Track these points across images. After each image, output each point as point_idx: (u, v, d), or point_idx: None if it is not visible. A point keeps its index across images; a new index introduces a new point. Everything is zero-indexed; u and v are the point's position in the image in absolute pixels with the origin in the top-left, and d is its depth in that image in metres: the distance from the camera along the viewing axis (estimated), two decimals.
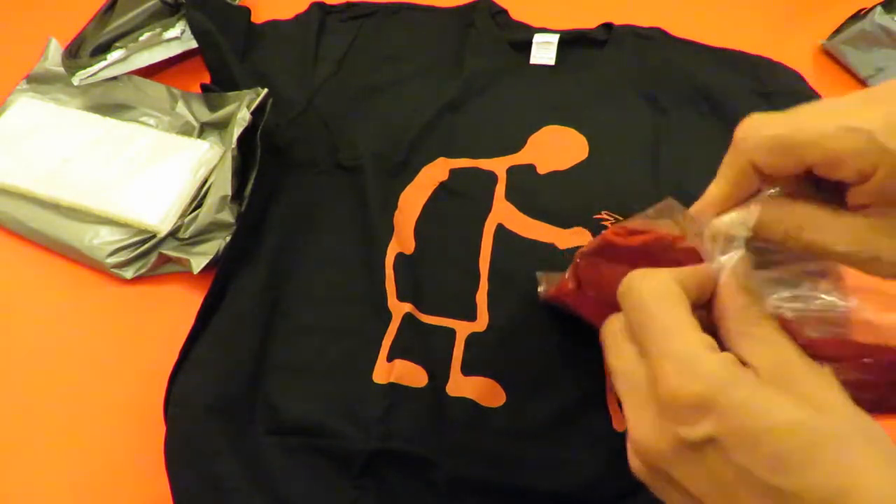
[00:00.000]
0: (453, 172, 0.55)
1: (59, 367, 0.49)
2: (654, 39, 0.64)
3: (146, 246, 0.52)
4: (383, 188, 0.53)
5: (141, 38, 0.62)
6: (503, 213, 0.52)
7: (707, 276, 0.27)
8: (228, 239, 0.52)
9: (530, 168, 0.55)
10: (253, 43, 0.64)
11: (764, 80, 0.61)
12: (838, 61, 0.66)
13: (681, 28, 0.65)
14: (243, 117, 0.54)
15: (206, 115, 0.60)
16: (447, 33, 0.65)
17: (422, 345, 0.46)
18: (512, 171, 0.55)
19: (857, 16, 0.65)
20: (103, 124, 0.59)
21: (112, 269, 0.52)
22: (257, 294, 0.48)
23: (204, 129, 0.59)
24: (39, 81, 0.62)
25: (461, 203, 0.53)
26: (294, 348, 0.47)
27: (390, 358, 0.46)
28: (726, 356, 0.24)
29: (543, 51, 0.63)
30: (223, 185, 0.53)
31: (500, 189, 0.54)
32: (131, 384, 0.48)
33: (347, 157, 0.56)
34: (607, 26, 0.64)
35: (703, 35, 0.64)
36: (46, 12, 0.70)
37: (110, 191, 0.54)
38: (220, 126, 0.59)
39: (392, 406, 0.44)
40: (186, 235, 0.53)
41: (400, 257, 0.50)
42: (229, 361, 0.46)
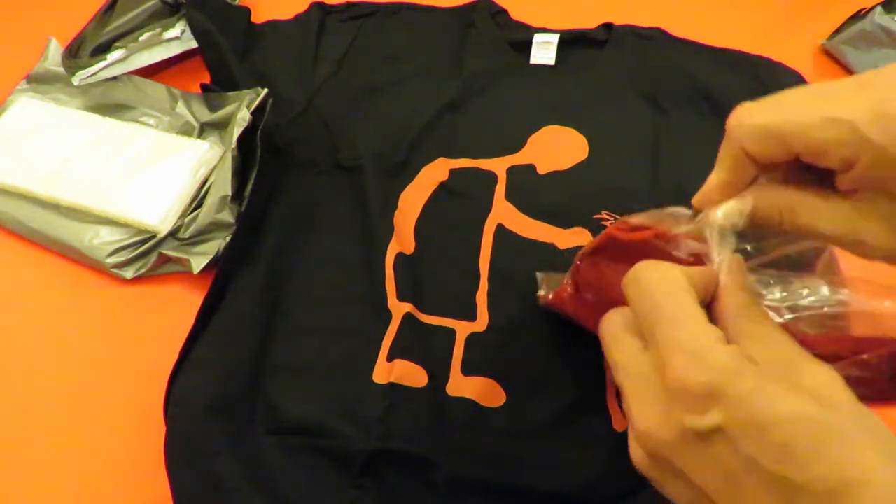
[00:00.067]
0: (453, 172, 0.55)
1: (59, 367, 0.49)
2: (654, 39, 0.64)
3: (146, 246, 0.52)
4: (383, 188, 0.53)
5: (141, 38, 0.62)
6: (503, 213, 0.52)
7: (711, 277, 0.27)
8: (228, 239, 0.52)
9: (530, 168, 0.55)
10: (253, 43, 0.64)
11: (764, 80, 0.61)
12: (838, 61, 0.66)
13: (681, 28, 0.65)
14: (243, 117, 0.54)
15: (206, 115, 0.60)
16: (447, 33, 0.65)
17: (422, 345, 0.46)
18: (512, 171, 0.55)
19: (857, 16, 0.65)
20: (103, 124, 0.59)
21: (112, 269, 0.52)
22: (257, 294, 0.48)
23: (204, 129, 0.59)
24: (39, 81, 0.62)
25: (461, 203, 0.53)
26: (294, 348, 0.47)
27: (390, 358, 0.46)
28: (734, 348, 0.24)
29: (543, 51, 0.63)
30: (223, 185, 0.53)
31: (500, 189, 0.54)
32: (131, 384, 0.48)
33: (347, 157, 0.56)
34: (607, 26, 0.64)
35: (703, 35, 0.64)
36: (46, 12, 0.70)
37: (110, 191, 0.54)
38: (220, 126, 0.59)
39: (392, 406, 0.44)
40: (186, 235, 0.53)
41: (400, 257, 0.50)
42: (229, 361, 0.46)
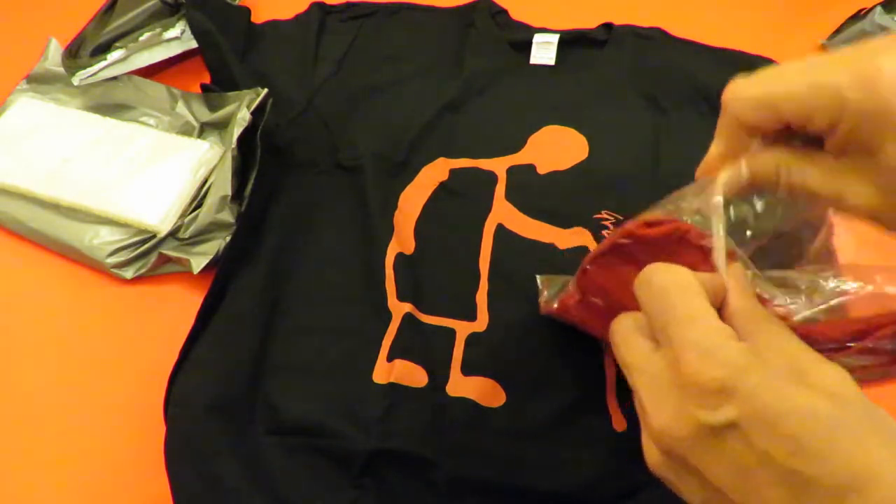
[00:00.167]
0: (453, 172, 0.55)
1: (60, 367, 0.49)
2: (654, 39, 0.64)
3: (146, 246, 0.52)
4: (383, 188, 0.53)
5: (141, 38, 0.62)
6: (503, 213, 0.52)
7: (721, 283, 0.28)
8: (228, 239, 0.52)
9: (530, 168, 0.55)
10: (253, 43, 0.64)
11: None
12: None
13: (681, 28, 0.65)
14: (243, 117, 0.54)
15: (206, 115, 0.60)
16: (447, 33, 0.65)
17: (422, 345, 0.46)
18: (512, 171, 0.55)
19: (857, 16, 0.65)
20: (103, 124, 0.59)
21: (112, 269, 0.52)
22: (257, 294, 0.48)
23: (204, 129, 0.59)
24: (39, 81, 0.62)
25: (461, 203, 0.53)
26: (294, 348, 0.47)
27: (390, 358, 0.46)
28: (746, 345, 0.25)
29: (543, 51, 0.63)
30: (223, 185, 0.53)
31: (500, 189, 0.54)
32: (131, 384, 0.48)
33: (347, 157, 0.56)
34: (607, 26, 0.64)
35: (703, 35, 0.64)
36: (46, 12, 0.70)
37: (110, 191, 0.54)
38: (220, 126, 0.59)
39: (392, 406, 0.44)
40: (186, 235, 0.53)
41: (400, 257, 0.50)
42: (229, 361, 0.46)
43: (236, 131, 0.54)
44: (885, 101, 0.24)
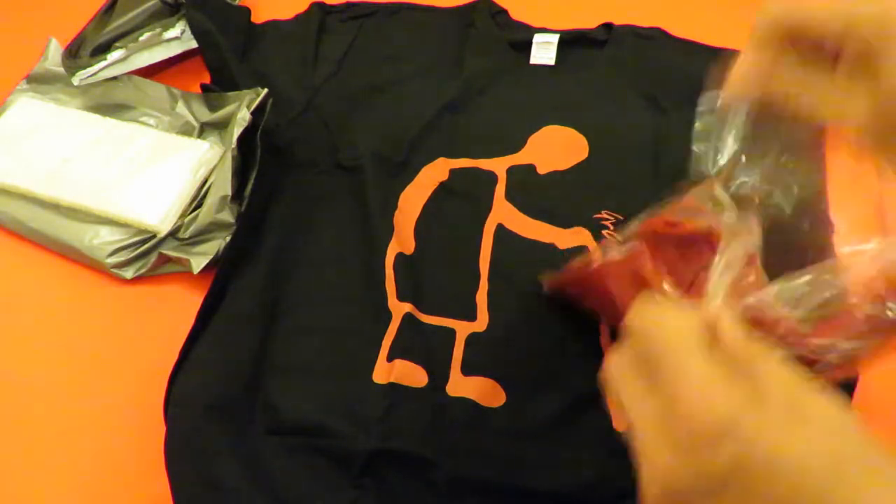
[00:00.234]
0: (453, 172, 0.55)
1: (60, 367, 0.49)
2: (654, 39, 0.64)
3: (146, 246, 0.52)
4: (383, 188, 0.53)
5: (141, 38, 0.62)
6: (503, 213, 0.52)
7: (714, 315, 0.28)
8: (228, 239, 0.52)
9: (530, 168, 0.55)
10: (253, 43, 0.64)
11: None
12: None
13: (681, 28, 0.65)
14: (243, 117, 0.54)
15: (206, 115, 0.60)
16: (447, 33, 0.65)
17: (422, 345, 0.46)
18: (512, 171, 0.55)
19: None
20: (103, 124, 0.59)
21: (112, 269, 0.52)
22: (257, 294, 0.49)
23: (204, 129, 0.59)
24: (39, 81, 0.62)
25: (461, 203, 0.53)
26: (294, 348, 0.47)
27: (390, 358, 0.46)
28: (742, 388, 0.24)
29: (543, 51, 0.63)
30: (223, 185, 0.53)
31: (500, 189, 0.54)
32: (131, 384, 0.48)
33: (347, 157, 0.56)
34: (607, 26, 0.64)
35: (703, 35, 0.64)
36: (46, 12, 0.70)
37: (110, 191, 0.54)
38: (220, 126, 0.59)
39: (392, 406, 0.44)
40: (186, 235, 0.53)
41: (400, 257, 0.50)
42: (229, 361, 0.46)
43: (236, 131, 0.54)
44: (890, 12, 0.26)
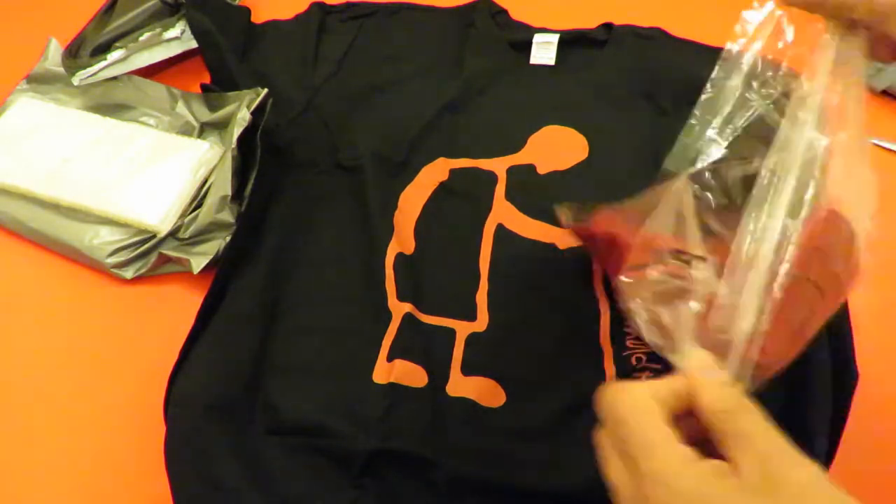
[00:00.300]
0: (453, 172, 0.55)
1: (60, 367, 0.49)
2: (654, 39, 0.64)
3: (146, 246, 0.52)
4: (383, 188, 0.53)
5: (141, 38, 0.62)
6: (503, 213, 0.52)
7: (681, 385, 0.28)
8: (228, 239, 0.52)
9: (530, 168, 0.55)
10: (253, 43, 0.64)
11: None
12: None
13: (681, 28, 0.65)
14: (243, 117, 0.54)
15: (206, 115, 0.60)
16: (447, 33, 0.65)
17: (422, 345, 0.46)
18: (512, 171, 0.55)
19: None
20: (103, 124, 0.59)
21: (112, 269, 0.52)
22: (257, 294, 0.48)
23: (204, 129, 0.59)
24: (39, 81, 0.62)
25: (461, 203, 0.53)
26: (294, 348, 0.47)
27: (390, 358, 0.46)
28: (704, 468, 0.25)
29: (543, 51, 0.63)
30: (223, 185, 0.53)
31: (500, 189, 0.54)
32: (131, 384, 0.48)
33: (347, 157, 0.56)
34: (607, 26, 0.64)
35: (703, 35, 0.64)
36: (46, 12, 0.70)
37: (110, 191, 0.54)
38: (220, 126, 0.59)
39: (392, 406, 0.44)
40: (186, 235, 0.53)
41: (400, 257, 0.50)
42: (229, 361, 0.46)
43: (236, 131, 0.54)
44: None
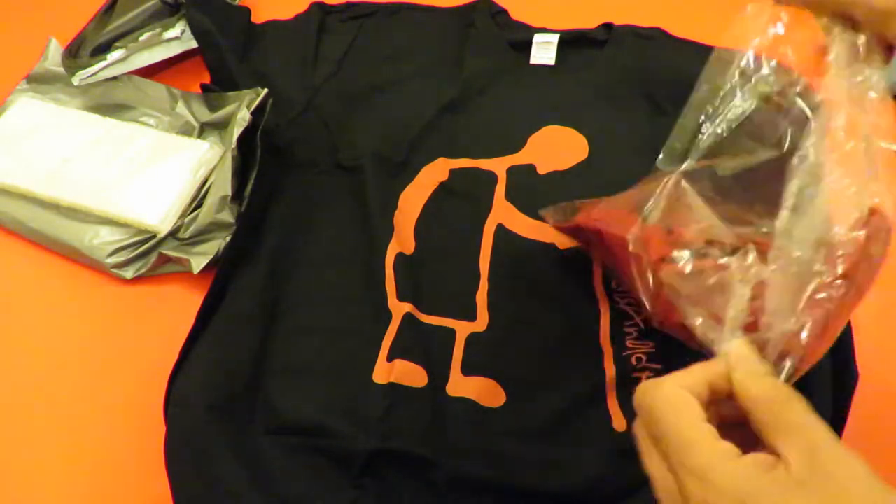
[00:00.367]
0: (453, 172, 0.55)
1: (60, 367, 0.49)
2: (654, 39, 0.64)
3: (146, 246, 0.52)
4: (383, 188, 0.53)
5: (141, 38, 0.62)
6: (503, 213, 0.52)
7: (716, 374, 0.27)
8: (228, 239, 0.52)
9: (530, 168, 0.55)
10: (253, 43, 0.64)
11: None
12: None
13: (681, 28, 0.65)
14: (243, 117, 0.54)
15: (206, 115, 0.60)
16: (447, 33, 0.65)
17: (422, 345, 0.46)
18: (512, 171, 0.55)
19: None
20: (103, 124, 0.59)
21: (112, 269, 0.52)
22: (257, 294, 0.48)
23: (204, 129, 0.59)
24: (39, 81, 0.62)
25: (461, 203, 0.53)
26: (294, 348, 0.47)
27: (390, 358, 0.46)
28: (747, 463, 0.24)
29: (543, 51, 0.63)
30: (223, 185, 0.53)
31: (500, 189, 0.54)
32: (131, 384, 0.48)
33: (347, 157, 0.56)
34: (607, 26, 0.64)
35: (703, 35, 0.64)
36: (46, 12, 0.70)
37: (110, 191, 0.54)
38: (220, 126, 0.59)
39: (392, 406, 0.44)
40: (186, 235, 0.53)
41: (400, 257, 0.50)
42: (229, 361, 0.46)
43: (236, 131, 0.53)
44: None
